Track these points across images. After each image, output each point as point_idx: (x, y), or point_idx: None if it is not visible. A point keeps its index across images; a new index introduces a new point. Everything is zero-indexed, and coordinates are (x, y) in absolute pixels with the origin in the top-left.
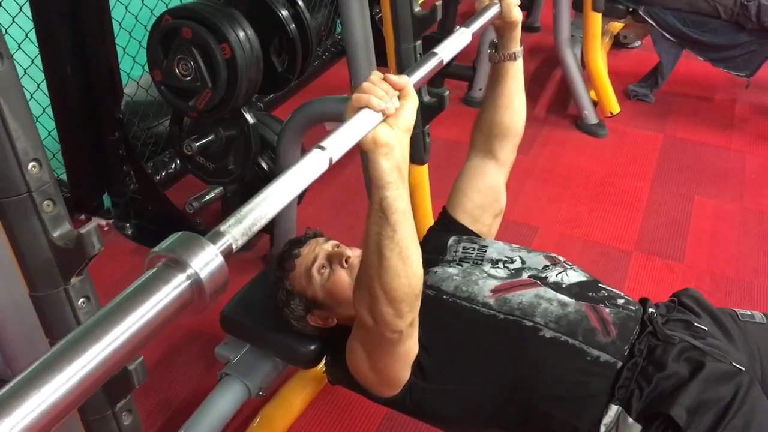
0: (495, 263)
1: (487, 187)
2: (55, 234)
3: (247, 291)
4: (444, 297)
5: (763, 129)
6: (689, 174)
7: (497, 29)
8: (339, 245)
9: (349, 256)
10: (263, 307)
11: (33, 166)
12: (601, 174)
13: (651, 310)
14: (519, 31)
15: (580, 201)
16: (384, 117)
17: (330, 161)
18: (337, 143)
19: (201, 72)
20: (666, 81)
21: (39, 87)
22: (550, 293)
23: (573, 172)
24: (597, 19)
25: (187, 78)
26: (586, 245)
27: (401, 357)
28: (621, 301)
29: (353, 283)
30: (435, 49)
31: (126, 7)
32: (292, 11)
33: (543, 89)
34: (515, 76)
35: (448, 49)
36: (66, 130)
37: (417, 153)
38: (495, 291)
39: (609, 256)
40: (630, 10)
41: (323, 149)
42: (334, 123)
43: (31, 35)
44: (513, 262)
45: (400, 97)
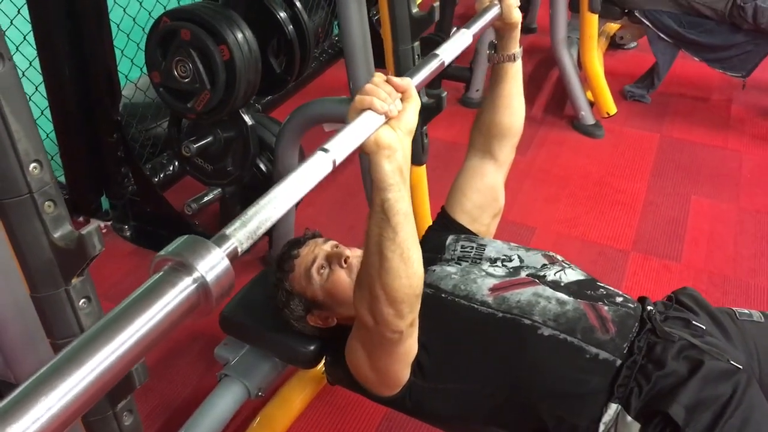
0: (493, 262)
1: (486, 187)
2: (56, 235)
3: (247, 292)
4: (442, 296)
5: (759, 129)
6: (686, 174)
7: (497, 30)
8: (338, 245)
9: (348, 256)
10: (263, 308)
11: (34, 167)
12: (598, 174)
13: (650, 308)
14: (518, 33)
15: (577, 201)
16: (386, 119)
17: (334, 163)
18: (341, 145)
19: (199, 74)
20: (662, 81)
21: (37, 89)
22: (548, 291)
23: (570, 172)
24: (593, 20)
25: (186, 80)
26: (583, 245)
27: (401, 357)
28: (619, 299)
29: (352, 283)
30: (436, 51)
31: (124, 10)
32: (290, 13)
33: (540, 90)
34: (514, 76)
35: (449, 51)
36: (64, 132)
37: (415, 154)
38: (493, 289)
39: (606, 255)
40: (626, 11)
41: (327, 151)
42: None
43: (30, 37)
44: (511, 260)
45: (402, 99)
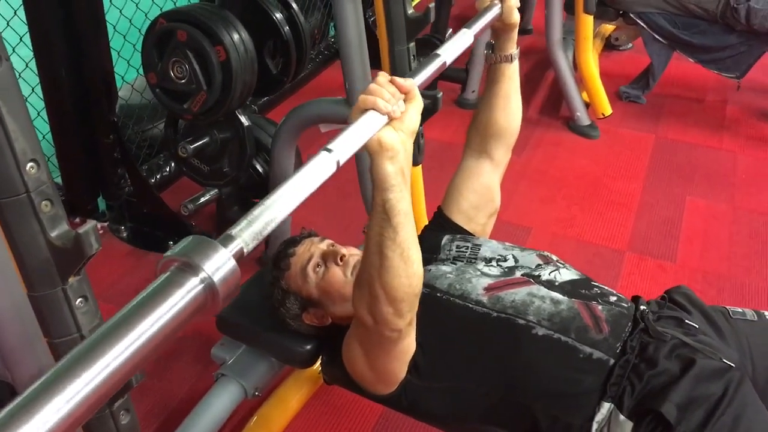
0: (488, 261)
1: (483, 187)
2: (53, 234)
3: (243, 292)
4: (438, 295)
5: (754, 130)
6: (681, 174)
7: (495, 30)
8: (334, 244)
9: (344, 254)
10: (259, 308)
11: (31, 166)
12: (594, 175)
13: (643, 307)
14: (516, 34)
15: (573, 201)
16: (389, 120)
17: (338, 164)
18: (344, 145)
19: (196, 74)
20: (657, 82)
21: (33, 90)
22: (542, 291)
23: (566, 173)
24: (588, 22)
25: (182, 81)
26: (579, 245)
27: (399, 355)
28: (613, 299)
29: (348, 281)
30: (437, 51)
31: (120, 11)
32: (286, 14)
33: (535, 91)
34: (511, 77)
35: (450, 51)
36: (60, 133)
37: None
38: (488, 289)
39: (602, 256)
40: (621, 12)
41: (330, 152)
42: (328, 125)
43: (26, 39)
44: (506, 260)
45: (405, 100)
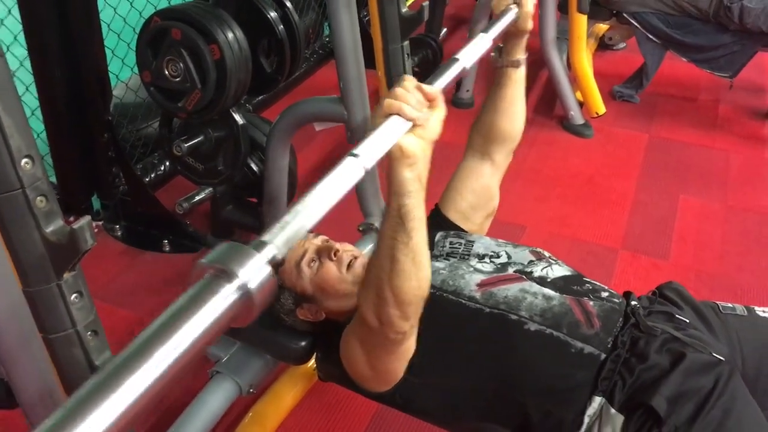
0: (481, 258)
1: (481, 188)
2: (48, 229)
3: None
4: (431, 291)
5: (746, 129)
6: (674, 173)
7: (505, 34)
8: (328, 240)
9: (338, 249)
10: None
11: (26, 162)
12: (588, 173)
13: (634, 302)
14: (526, 39)
15: (567, 200)
16: (412, 126)
17: (364, 169)
18: (370, 150)
19: (190, 73)
20: (651, 82)
21: (28, 89)
22: (535, 287)
23: (560, 171)
24: (582, 21)
25: (177, 79)
26: (573, 244)
27: (401, 355)
28: (605, 294)
29: (342, 277)
30: (456, 55)
31: (114, 9)
32: (280, 13)
33: (529, 90)
34: (517, 82)
35: (469, 55)
36: (55, 132)
37: None
38: (481, 285)
39: (596, 254)
40: (614, 12)
41: (356, 156)
42: (323, 123)
43: (20, 38)
44: (499, 257)
45: (429, 107)
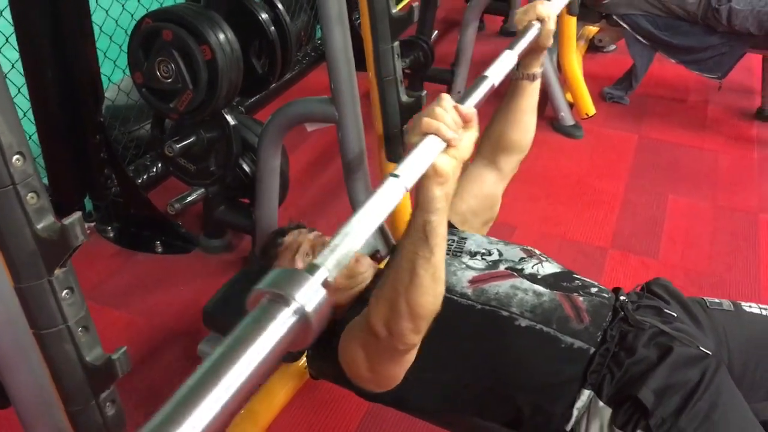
0: (473, 255)
1: (484, 195)
2: (39, 226)
3: (229, 288)
4: None
5: (735, 130)
6: (663, 173)
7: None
8: (321, 235)
9: None
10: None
11: (17, 158)
12: (578, 174)
13: (623, 297)
14: (544, 55)
15: (557, 200)
16: (447, 146)
17: (405, 189)
18: (410, 170)
19: (182, 74)
20: (640, 83)
21: (20, 91)
22: (525, 284)
23: (550, 172)
24: (572, 23)
25: (168, 80)
26: (563, 243)
27: (404, 362)
28: (594, 290)
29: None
30: (485, 73)
31: (106, 11)
32: (271, 14)
33: None
34: (531, 95)
35: (497, 72)
36: (47, 133)
37: (396, 153)
38: (473, 282)
39: (586, 253)
40: (604, 14)
41: (397, 177)
42: (314, 124)
43: (12, 39)
44: (491, 254)
45: (463, 128)
